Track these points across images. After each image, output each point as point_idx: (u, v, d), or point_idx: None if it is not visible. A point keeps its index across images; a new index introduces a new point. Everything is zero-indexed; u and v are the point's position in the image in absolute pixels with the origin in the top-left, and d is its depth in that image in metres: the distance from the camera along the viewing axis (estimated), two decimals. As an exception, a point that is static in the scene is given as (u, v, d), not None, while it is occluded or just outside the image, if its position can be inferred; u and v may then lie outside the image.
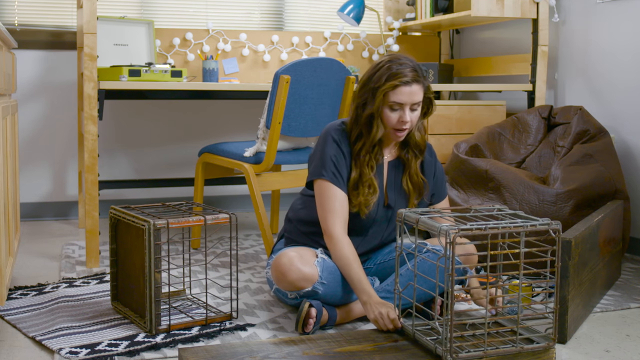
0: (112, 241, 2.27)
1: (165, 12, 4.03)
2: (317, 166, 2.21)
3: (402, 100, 2.13)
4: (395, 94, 2.13)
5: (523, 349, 1.82)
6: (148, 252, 2.04)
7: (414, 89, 2.13)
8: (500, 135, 3.28)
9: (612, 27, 3.27)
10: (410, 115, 2.16)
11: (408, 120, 2.15)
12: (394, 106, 2.15)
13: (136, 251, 2.12)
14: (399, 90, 2.12)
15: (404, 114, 2.15)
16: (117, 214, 2.23)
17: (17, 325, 2.14)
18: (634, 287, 2.65)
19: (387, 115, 2.16)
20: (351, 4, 3.93)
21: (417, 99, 2.15)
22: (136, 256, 2.13)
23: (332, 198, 2.17)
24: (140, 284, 2.11)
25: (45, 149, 3.90)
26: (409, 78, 2.13)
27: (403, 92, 2.13)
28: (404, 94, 2.13)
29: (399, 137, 2.20)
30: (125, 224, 2.19)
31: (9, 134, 2.39)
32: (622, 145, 3.19)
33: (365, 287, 2.07)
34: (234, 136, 4.16)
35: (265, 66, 3.99)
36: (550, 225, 1.82)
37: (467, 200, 2.96)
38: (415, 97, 2.14)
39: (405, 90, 2.13)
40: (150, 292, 2.05)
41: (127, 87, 3.02)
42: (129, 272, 2.20)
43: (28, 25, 3.83)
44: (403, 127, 2.17)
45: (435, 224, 1.79)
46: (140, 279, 2.11)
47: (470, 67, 4.12)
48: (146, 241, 2.04)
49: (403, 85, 2.12)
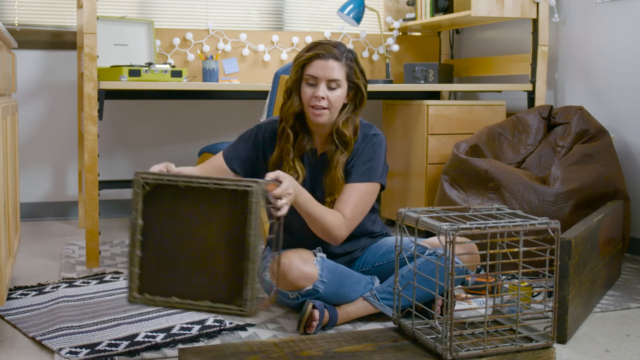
0: (140, 216, 1.73)
1: (165, 12, 4.03)
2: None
3: (317, 73, 2.10)
4: (310, 66, 2.11)
5: (522, 347, 1.82)
6: (252, 218, 1.67)
7: (330, 64, 2.09)
8: (500, 135, 3.28)
9: (612, 27, 3.27)
10: (326, 92, 2.10)
11: (322, 96, 2.09)
12: (310, 80, 2.11)
13: (204, 222, 1.71)
14: (314, 63, 2.10)
15: (317, 89, 2.10)
16: (159, 178, 1.72)
17: (17, 325, 2.14)
18: (634, 287, 2.65)
19: (303, 90, 2.13)
20: (351, 4, 3.93)
21: (333, 75, 2.10)
22: (204, 229, 1.71)
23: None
24: (215, 262, 1.70)
25: (45, 149, 3.90)
26: (325, 52, 2.10)
27: (318, 65, 2.10)
28: (318, 67, 2.10)
29: (317, 118, 2.12)
30: (178, 190, 1.72)
31: (9, 134, 2.39)
32: (622, 145, 3.20)
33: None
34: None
35: (265, 66, 3.99)
36: (549, 225, 1.82)
37: (467, 200, 2.96)
38: (330, 72, 2.09)
39: (320, 63, 2.10)
40: (254, 264, 1.67)
41: (127, 87, 3.02)
42: (177, 251, 1.73)
43: (28, 25, 3.84)
44: (317, 104, 2.10)
45: (436, 223, 1.79)
46: (217, 255, 1.70)
47: (470, 67, 4.12)
48: (251, 204, 1.66)
49: (318, 58, 2.10)
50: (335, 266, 2.16)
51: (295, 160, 2.17)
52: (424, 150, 3.42)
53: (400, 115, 3.64)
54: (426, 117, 3.41)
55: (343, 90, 2.14)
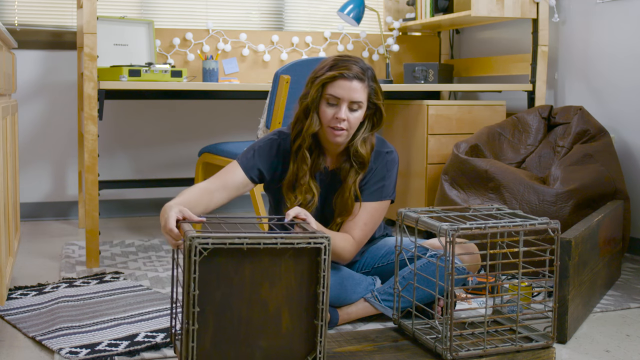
0: (197, 286, 1.53)
1: (165, 12, 4.03)
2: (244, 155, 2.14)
3: (339, 94, 2.02)
4: (333, 86, 2.03)
5: (522, 347, 1.82)
6: (324, 276, 1.59)
7: (354, 85, 2.02)
8: (500, 135, 3.28)
9: (612, 27, 3.27)
10: (347, 113, 2.03)
11: (343, 118, 2.02)
12: (331, 100, 2.04)
13: (266, 283, 1.58)
14: (337, 82, 2.02)
15: (339, 110, 2.03)
16: (221, 242, 1.52)
17: (17, 325, 2.14)
18: (634, 287, 2.65)
19: (323, 109, 2.05)
20: (351, 4, 3.93)
21: (356, 96, 2.03)
22: (265, 290, 1.58)
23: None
24: (278, 324, 1.59)
25: (45, 149, 3.91)
26: (351, 72, 2.02)
27: (341, 85, 2.02)
28: (342, 88, 2.02)
29: (336, 138, 2.06)
30: (238, 251, 1.55)
31: (9, 134, 2.39)
32: (622, 145, 3.20)
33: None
34: (234, 136, 4.16)
35: (265, 66, 3.99)
36: (549, 225, 1.82)
37: (467, 200, 2.96)
38: (354, 94, 2.02)
39: (344, 84, 2.02)
40: (325, 323, 1.60)
41: (127, 87, 3.02)
42: (235, 318, 1.58)
43: (28, 25, 3.84)
44: (338, 125, 2.03)
45: (436, 223, 1.79)
46: (282, 317, 1.59)
47: (470, 67, 4.12)
48: (323, 262, 1.58)
49: (342, 78, 2.02)
50: (337, 268, 2.16)
51: (311, 180, 2.11)
52: (424, 150, 3.42)
53: (400, 115, 3.64)
54: (426, 117, 3.41)
55: (363, 111, 2.07)
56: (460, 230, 1.73)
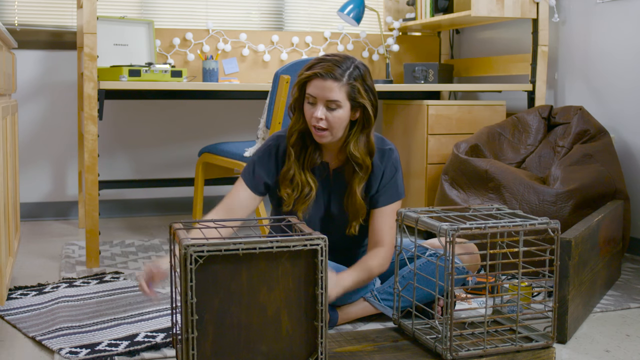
0: (194, 293, 1.53)
1: (165, 12, 4.03)
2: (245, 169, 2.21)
3: (315, 93, 2.02)
4: (310, 86, 2.04)
5: (522, 347, 1.82)
6: (323, 278, 1.60)
7: (328, 84, 2.00)
8: (500, 135, 3.28)
9: (612, 27, 3.27)
10: (325, 113, 2.02)
11: (319, 117, 2.02)
12: (310, 99, 2.04)
13: (264, 288, 1.58)
14: (312, 82, 2.03)
15: (316, 109, 2.03)
16: (216, 249, 1.53)
17: (17, 325, 2.14)
18: (634, 287, 2.65)
19: (305, 109, 2.07)
20: (351, 4, 3.93)
21: (331, 95, 2.00)
22: (263, 294, 1.59)
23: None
24: (278, 327, 1.60)
25: (45, 149, 3.91)
26: (325, 71, 2.00)
27: (316, 84, 2.02)
28: (316, 87, 2.02)
29: (319, 138, 2.07)
30: (234, 257, 1.55)
31: (9, 134, 2.39)
32: (622, 145, 3.19)
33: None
34: (234, 136, 4.16)
35: (265, 66, 3.99)
36: (549, 225, 1.82)
37: (467, 200, 2.96)
38: (328, 93, 2.00)
39: (318, 83, 2.02)
40: (325, 324, 1.62)
41: (127, 87, 3.02)
42: (235, 324, 1.58)
43: (28, 25, 3.84)
44: (317, 125, 2.04)
45: (436, 223, 1.79)
46: (281, 320, 1.60)
47: (470, 67, 4.12)
48: (320, 263, 1.58)
49: (316, 78, 2.02)
50: (337, 268, 2.15)
51: (307, 173, 2.13)
52: (424, 150, 3.42)
53: (400, 115, 3.64)
54: (426, 117, 3.41)
55: (345, 111, 2.05)
56: (460, 230, 1.73)
